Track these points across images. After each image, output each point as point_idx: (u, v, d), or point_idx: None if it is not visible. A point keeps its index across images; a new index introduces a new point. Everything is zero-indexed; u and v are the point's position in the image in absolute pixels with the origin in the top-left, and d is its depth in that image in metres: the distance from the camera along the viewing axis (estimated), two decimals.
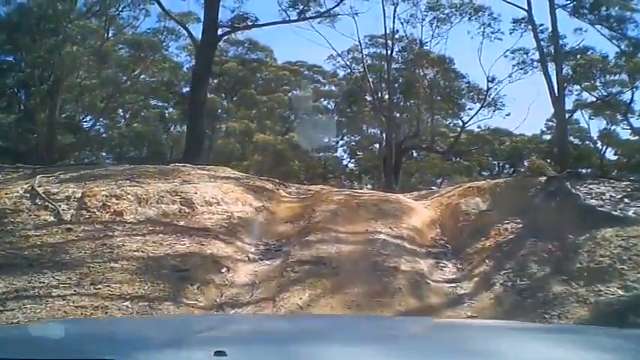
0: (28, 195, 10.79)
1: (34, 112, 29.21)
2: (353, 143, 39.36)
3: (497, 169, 41.67)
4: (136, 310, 6.94)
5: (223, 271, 8.45)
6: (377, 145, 37.27)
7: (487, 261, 8.99)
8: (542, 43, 23.64)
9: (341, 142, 39.51)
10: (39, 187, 11.04)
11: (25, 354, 2.27)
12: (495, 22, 26.73)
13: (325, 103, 38.52)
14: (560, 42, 23.69)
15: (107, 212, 10.06)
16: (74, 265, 8.20)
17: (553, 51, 23.36)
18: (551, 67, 22.51)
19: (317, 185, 15.49)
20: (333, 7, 23.17)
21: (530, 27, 25.12)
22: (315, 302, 7.46)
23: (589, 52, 26.22)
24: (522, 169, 40.97)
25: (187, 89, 36.17)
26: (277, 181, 14.09)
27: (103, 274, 7.88)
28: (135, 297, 7.30)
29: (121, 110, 34.36)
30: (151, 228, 9.62)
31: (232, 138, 34.63)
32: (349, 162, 40.13)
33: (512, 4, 24.10)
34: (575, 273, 7.81)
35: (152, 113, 35.80)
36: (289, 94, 38.30)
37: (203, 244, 9.11)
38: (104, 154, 36.41)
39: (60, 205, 10.29)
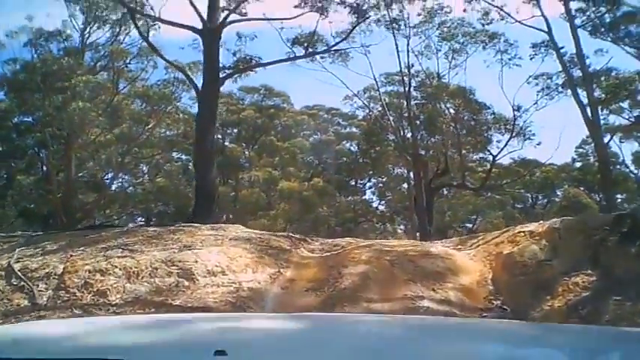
0: (3, 273, 8.94)
1: (52, 172, 27.90)
2: (380, 185, 37.78)
3: (530, 201, 40.06)
4: None
5: None
6: (405, 185, 35.33)
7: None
8: (566, 65, 21.73)
9: (368, 184, 38.17)
10: (17, 263, 9.18)
11: (26, 354, 2.20)
12: (512, 47, 24.72)
13: (348, 145, 36.75)
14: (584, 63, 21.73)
15: (89, 292, 8.14)
16: None
17: (581, 73, 21.38)
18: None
19: (345, 238, 13.24)
20: (338, 43, 21.25)
21: (550, 50, 23.37)
22: None
23: (613, 73, 23.96)
24: (556, 199, 39.26)
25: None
26: (297, 237, 12.00)
27: None
28: None
29: (143, 166, 32.77)
30: (139, 310, 7.60)
31: (257, 187, 33.07)
32: (379, 204, 38.38)
33: (531, 26, 22.26)
34: None
35: (175, 166, 34.57)
36: (310, 139, 36.86)
37: None
38: (133, 210, 35.44)
39: (37, 285, 8.46)
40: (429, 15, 25.23)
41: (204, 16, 16.91)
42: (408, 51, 25.71)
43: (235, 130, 35.38)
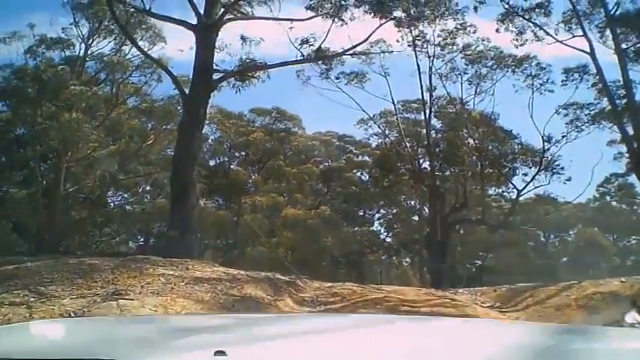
0: None
1: (39, 186, 25.29)
2: (390, 216, 35.09)
3: (542, 239, 37.50)
4: None
5: None
6: (416, 217, 32.81)
7: None
8: (610, 93, 18.66)
9: (377, 215, 35.61)
10: None
11: (25, 354, 2.04)
12: (544, 72, 21.63)
13: (359, 174, 34.01)
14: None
15: None
16: None
17: (626, 102, 18.32)
18: None
19: (346, 283, 9.85)
20: (356, 46, 18.28)
21: (586, 76, 20.40)
22: None
23: None
24: (569, 238, 36.10)
25: (213, 161, 32.42)
26: (286, 279, 8.76)
27: None
28: None
29: (142, 184, 29.94)
30: None
31: (260, 213, 30.22)
32: (387, 236, 35.55)
33: (574, 47, 19.24)
34: None
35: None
36: (320, 166, 34.10)
37: None
38: (133, 230, 33.01)
39: None
40: (450, 35, 22.18)
41: (201, 10, 13.98)
42: (430, 73, 22.74)
43: (243, 154, 32.76)
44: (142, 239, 33.33)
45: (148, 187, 30.33)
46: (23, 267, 8.01)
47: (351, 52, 18.23)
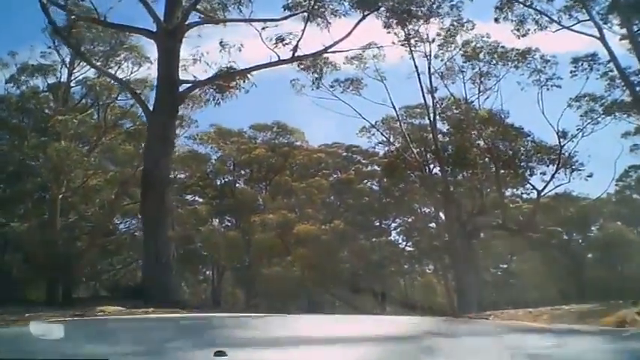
0: None
1: (34, 221, 24.50)
2: (406, 225, 34.09)
3: (564, 237, 35.24)
4: None
5: None
6: (433, 224, 31.88)
7: None
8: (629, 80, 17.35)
9: (393, 225, 34.62)
10: None
11: (25, 354, 2.13)
12: (549, 65, 20.40)
13: (369, 184, 33.34)
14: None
15: None
16: None
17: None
18: None
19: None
20: (338, 42, 17.24)
21: (597, 66, 19.15)
22: None
23: None
24: (591, 235, 34.86)
25: (218, 181, 31.50)
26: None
27: None
28: None
29: None
30: None
31: (271, 231, 29.22)
32: (406, 245, 34.53)
33: (583, 32, 18.14)
34: None
35: (185, 210, 30.96)
36: (330, 179, 33.08)
37: None
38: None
39: None
40: (448, 33, 21.15)
41: (161, 17, 12.84)
42: (429, 73, 21.67)
43: (248, 171, 31.92)
44: None
45: None
46: None
47: (332, 50, 17.27)
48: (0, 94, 22.60)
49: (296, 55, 15.77)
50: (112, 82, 21.32)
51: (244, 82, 15.22)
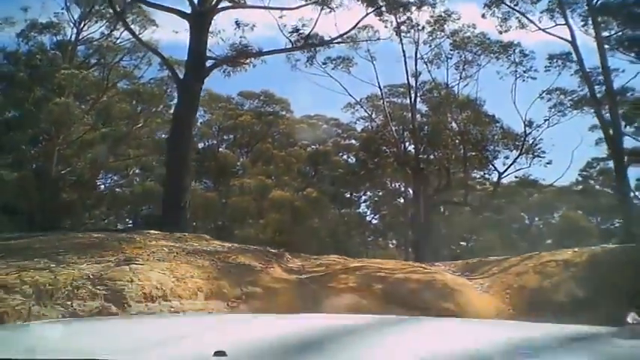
0: None
1: (30, 169, 25.94)
2: (376, 198, 35.81)
3: (526, 222, 37.93)
4: None
5: None
6: (402, 200, 33.83)
7: None
8: (590, 80, 19.59)
9: (363, 198, 36.19)
10: None
11: (25, 354, 2.13)
12: (528, 59, 22.57)
13: (345, 157, 34.92)
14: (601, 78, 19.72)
15: None
16: None
17: (605, 89, 19.25)
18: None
19: (331, 255, 10.82)
20: (344, 34, 19.32)
21: (569, 63, 21.29)
22: None
23: (629, 93, 21.71)
24: (553, 221, 37.21)
25: (202, 144, 33.15)
26: (275, 251, 9.74)
27: None
28: None
29: (132, 167, 30.66)
30: None
31: (248, 195, 30.98)
32: (373, 218, 36.38)
33: (554, 35, 20.29)
34: None
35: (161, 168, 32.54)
36: (308, 149, 34.89)
37: None
38: (122, 212, 33.76)
39: None
40: (437, 23, 23.03)
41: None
42: (416, 58, 23.61)
43: (231, 136, 33.39)
44: (130, 221, 33.98)
45: (137, 170, 31.16)
46: (36, 240, 8.91)
47: (339, 39, 19.10)
48: (9, 49, 23.92)
49: (308, 42, 17.75)
50: (119, 44, 23.05)
51: (256, 59, 17.41)
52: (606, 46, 19.32)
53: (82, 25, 24.16)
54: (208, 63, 15.18)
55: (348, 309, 6.55)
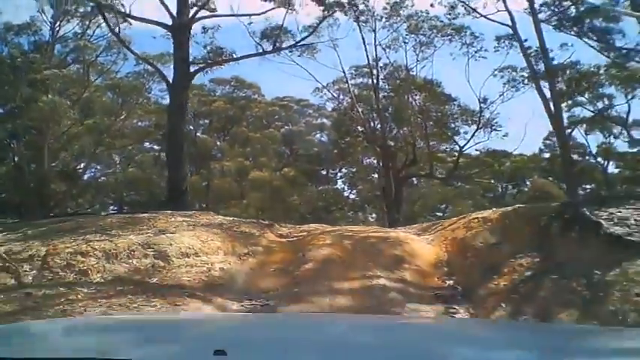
0: None
1: (23, 162, 28.33)
2: (351, 175, 38.69)
3: (500, 190, 41.19)
4: None
5: None
6: (375, 175, 36.45)
7: (503, 304, 7.67)
8: (530, 59, 22.60)
9: (339, 174, 39.16)
10: (0, 246, 9.78)
11: (25, 354, 2.21)
12: (477, 40, 25.57)
13: (319, 135, 37.98)
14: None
15: (71, 272, 8.81)
16: None
17: (544, 67, 22.26)
18: (543, 84, 21.51)
19: (313, 224, 14.06)
20: (306, 37, 22.40)
21: (515, 43, 24.25)
22: None
23: (577, 66, 25.00)
24: (526, 189, 40.42)
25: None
26: (266, 222, 12.81)
27: None
28: None
29: (116, 156, 33.29)
30: (119, 288, 8.33)
31: (229, 177, 33.74)
32: (350, 193, 39.39)
33: (496, 21, 23.10)
34: (606, 316, 6.50)
35: (147, 157, 35.25)
36: (282, 130, 37.63)
37: (177, 304, 7.80)
38: (107, 199, 36.12)
39: (22, 266, 9.04)
40: (392, 9, 25.93)
41: (174, 12, 17.58)
42: (375, 44, 26.51)
43: (207, 121, 35.93)
44: (115, 207, 36.28)
45: (119, 159, 33.83)
46: (72, 222, 11.82)
47: (305, 38, 22.06)
48: None
49: (276, 46, 20.70)
50: (94, 42, 25.74)
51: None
52: (550, 26, 22.52)
53: (56, 25, 26.51)
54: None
55: (324, 257, 9.56)
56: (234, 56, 20.66)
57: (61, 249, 9.37)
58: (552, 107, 21.10)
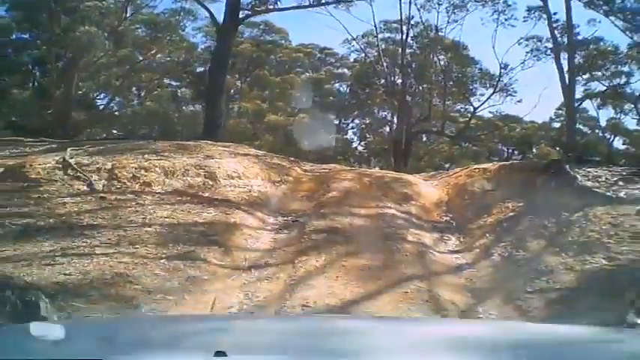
0: (60, 166, 11.77)
1: (49, 88, 30.34)
2: (363, 126, 40.64)
3: (506, 155, 43.09)
4: (172, 267, 7.96)
5: (246, 238, 9.46)
6: (387, 128, 38.47)
7: (487, 235, 9.96)
8: (556, 32, 24.46)
9: (351, 125, 41.04)
10: (71, 159, 12.04)
11: (25, 354, 2.32)
12: (509, 9, 27.46)
13: (337, 85, 39.82)
14: (574, 31, 24.58)
15: (137, 183, 11.10)
16: (111, 228, 9.16)
17: (567, 40, 24.14)
18: (564, 56, 23.41)
19: (329, 164, 16.39)
20: None
21: (544, 15, 26.07)
22: (330, 265, 8.44)
23: (601, 43, 26.95)
24: (531, 156, 42.52)
25: (201, 69, 37.87)
26: (292, 159, 15.11)
27: (139, 237, 8.87)
28: (170, 256, 8.30)
29: (135, 89, 35.38)
30: (178, 198, 10.64)
31: (244, 118, 35.68)
32: (359, 144, 41.30)
33: None
34: (566, 245, 8.73)
35: (165, 92, 37.09)
36: (302, 76, 39.48)
37: (227, 214, 10.12)
38: (115, 131, 38.07)
39: (91, 176, 11.29)
40: None
41: None
42: (410, 2, 28.12)
43: (231, 62, 37.70)
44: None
45: (139, 93, 36.07)
46: (128, 144, 14.16)
47: None
48: None
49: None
50: None
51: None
52: (582, 2, 24.43)
53: None
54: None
55: (345, 188, 11.87)
56: (279, 6, 22.46)
57: (126, 164, 11.68)
58: (567, 79, 23.19)
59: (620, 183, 10.50)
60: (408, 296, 7.49)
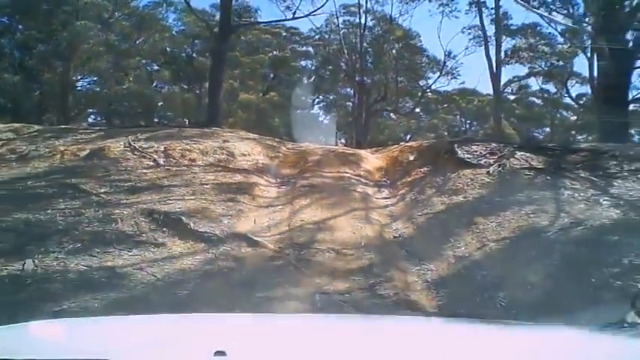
0: (128, 149, 19.91)
1: (37, 73, 37.40)
2: (327, 101, 49.89)
3: (464, 127, 52.44)
4: (226, 205, 16.31)
5: (262, 190, 17.90)
6: (349, 104, 46.81)
7: (406, 188, 18.36)
8: (489, 23, 33.38)
9: (317, 101, 49.75)
10: (134, 142, 20.36)
11: (25, 354, 2.53)
12: (452, 2, 36.55)
13: (303, 62, 48.69)
14: (509, 22, 33.70)
15: (185, 159, 19.15)
16: (183, 187, 17.11)
17: (495, 30, 33.04)
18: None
19: (304, 143, 24.90)
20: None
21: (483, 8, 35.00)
22: (312, 204, 16.38)
23: (537, 28, 36.24)
24: (487, 126, 51.39)
25: (183, 54, 45.75)
26: (278, 139, 23.58)
27: (202, 190, 17.07)
28: (223, 200, 16.50)
29: (121, 73, 43.13)
30: (215, 168, 18.56)
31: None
32: (324, 119, 49.68)
33: None
34: (444, 189, 17.36)
35: (143, 72, 44.80)
36: (269, 55, 47.58)
37: (247, 177, 18.15)
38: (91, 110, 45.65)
39: (153, 155, 19.55)
40: None
41: None
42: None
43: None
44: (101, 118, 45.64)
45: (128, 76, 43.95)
46: (164, 132, 22.60)
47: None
48: None
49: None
50: None
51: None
52: None
53: None
54: None
55: (317, 159, 20.39)
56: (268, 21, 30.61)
57: (174, 147, 19.90)
58: (494, 66, 32.06)
59: (485, 155, 19.17)
60: (355, 217, 15.59)
